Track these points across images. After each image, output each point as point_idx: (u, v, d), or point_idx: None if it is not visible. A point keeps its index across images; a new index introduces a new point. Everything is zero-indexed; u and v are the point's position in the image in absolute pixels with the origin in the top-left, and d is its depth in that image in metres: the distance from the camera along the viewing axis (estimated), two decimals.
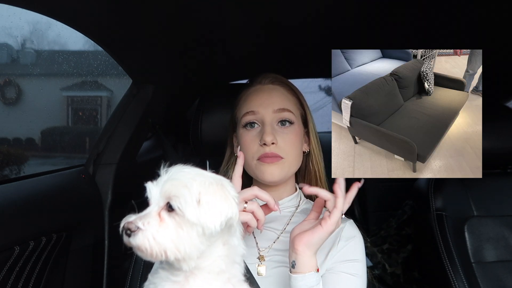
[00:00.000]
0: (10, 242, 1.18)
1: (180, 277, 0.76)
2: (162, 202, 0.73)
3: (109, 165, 1.70)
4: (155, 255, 0.70)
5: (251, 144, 1.13)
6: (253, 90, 1.20)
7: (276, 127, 1.13)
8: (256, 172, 1.13)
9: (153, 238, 0.69)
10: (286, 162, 1.12)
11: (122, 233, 0.72)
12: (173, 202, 0.71)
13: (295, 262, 0.93)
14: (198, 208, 0.71)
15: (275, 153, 1.10)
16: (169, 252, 0.70)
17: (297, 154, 1.15)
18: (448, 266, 1.53)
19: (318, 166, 1.21)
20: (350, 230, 1.11)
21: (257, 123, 1.15)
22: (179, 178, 0.74)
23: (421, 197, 1.71)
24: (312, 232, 0.93)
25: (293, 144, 1.13)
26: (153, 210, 0.72)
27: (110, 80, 3.58)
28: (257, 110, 1.14)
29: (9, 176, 2.86)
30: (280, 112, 1.14)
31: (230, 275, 0.78)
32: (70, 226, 1.46)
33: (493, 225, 1.66)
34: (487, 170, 1.78)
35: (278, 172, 1.11)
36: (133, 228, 0.70)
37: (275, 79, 1.21)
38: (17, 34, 3.15)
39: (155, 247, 0.70)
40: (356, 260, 1.07)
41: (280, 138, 1.12)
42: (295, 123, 1.16)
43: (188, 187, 0.72)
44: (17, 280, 1.23)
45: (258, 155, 1.11)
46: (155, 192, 0.74)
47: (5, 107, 3.58)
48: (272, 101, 1.15)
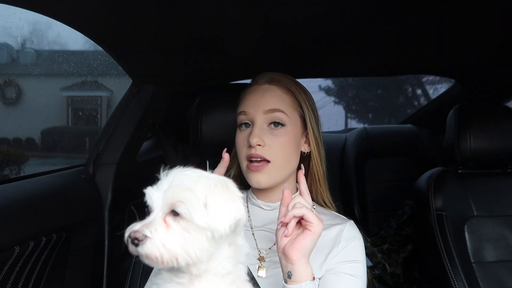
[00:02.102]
0: (10, 242, 1.18)
1: (184, 279, 0.75)
2: (167, 208, 0.71)
3: (109, 165, 1.69)
4: (166, 262, 0.68)
5: (242, 145, 1.14)
6: (250, 90, 1.20)
7: (266, 128, 1.12)
8: (246, 176, 1.14)
9: (163, 246, 0.68)
10: (273, 166, 1.10)
11: (127, 243, 0.69)
12: (179, 208, 0.69)
13: (291, 272, 0.90)
14: (206, 212, 0.70)
15: (260, 155, 1.09)
16: (179, 258, 0.69)
17: (287, 157, 1.13)
18: (448, 266, 1.53)
19: (317, 169, 1.19)
20: (350, 231, 1.11)
21: (249, 123, 1.15)
22: (182, 182, 0.72)
23: (421, 197, 1.71)
24: (303, 238, 0.89)
25: (282, 147, 1.11)
26: (158, 217, 0.70)
27: (110, 80, 3.58)
28: (249, 111, 1.14)
29: (9, 176, 2.86)
30: (271, 113, 1.12)
31: (235, 276, 0.78)
32: (70, 226, 1.46)
33: (493, 225, 1.66)
34: (487, 170, 1.78)
35: (264, 180, 1.10)
36: (141, 237, 0.68)
37: (272, 79, 1.19)
38: (17, 34, 3.15)
39: (166, 254, 0.68)
40: (357, 261, 1.07)
41: (269, 140, 1.10)
42: (288, 125, 1.13)
43: (193, 191, 0.71)
44: (17, 280, 1.23)
45: (246, 156, 1.11)
46: (157, 198, 0.72)
47: (5, 107, 3.58)
48: (263, 102, 1.14)
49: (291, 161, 1.15)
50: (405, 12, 1.28)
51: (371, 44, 1.61)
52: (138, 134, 1.79)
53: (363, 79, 5.30)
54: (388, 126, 2.99)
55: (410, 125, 2.67)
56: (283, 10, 1.22)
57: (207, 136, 1.55)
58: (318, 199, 1.22)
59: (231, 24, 1.31)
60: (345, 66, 2.07)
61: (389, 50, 1.72)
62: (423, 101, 5.37)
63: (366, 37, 1.51)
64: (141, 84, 1.70)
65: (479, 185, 1.72)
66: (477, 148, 1.66)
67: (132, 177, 1.74)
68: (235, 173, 1.26)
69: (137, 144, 1.85)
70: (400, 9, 1.26)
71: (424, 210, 1.67)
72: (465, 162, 1.71)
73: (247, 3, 1.16)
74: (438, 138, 2.52)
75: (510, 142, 1.67)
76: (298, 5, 1.18)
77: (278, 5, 1.18)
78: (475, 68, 2.00)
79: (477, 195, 1.70)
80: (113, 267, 1.72)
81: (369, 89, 6.99)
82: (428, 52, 1.74)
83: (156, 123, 1.82)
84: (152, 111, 1.77)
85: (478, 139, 1.66)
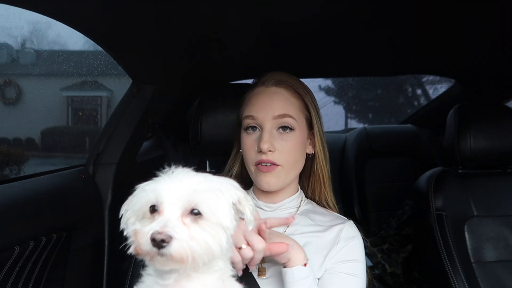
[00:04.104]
0: (10, 242, 1.18)
1: (170, 280, 0.74)
2: (186, 207, 0.70)
3: (109, 165, 1.69)
4: (191, 261, 0.68)
5: (250, 149, 1.14)
6: (256, 92, 1.18)
7: (275, 133, 1.13)
8: (255, 178, 1.14)
9: (189, 246, 0.68)
10: (282, 170, 1.11)
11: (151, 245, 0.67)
12: (201, 207, 0.70)
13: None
14: (230, 212, 0.74)
15: (271, 160, 1.09)
16: (204, 256, 0.69)
17: (295, 160, 1.14)
18: (448, 266, 1.53)
19: (322, 171, 1.20)
20: (349, 231, 1.11)
21: (257, 127, 1.15)
22: (202, 184, 0.73)
23: (421, 197, 1.71)
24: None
25: (291, 151, 1.12)
26: (175, 216, 0.70)
27: (110, 80, 3.58)
28: (257, 116, 1.13)
29: (9, 176, 2.86)
30: (280, 118, 1.13)
31: (222, 272, 0.78)
32: (70, 226, 1.46)
33: (493, 225, 1.66)
34: (487, 170, 1.78)
35: (274, 181, 1.11)
36: (167, 239, 0.67)
37: (280, 81, 1.18)
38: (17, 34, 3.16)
39: (192, 253, 0.68)
40: (356, 260, 1.07)
41: (279, 145, 1.11)
42: (296, 129, 1.14)
43: (220, 191, 0.73)
44: (17, 280, 1.23)
45: (255, 161, 1.12)
46: (172, 197, 0.71)
47: (5, 107, 3.58)
48: (272, 107, 1.13)
49: (299, 164, 1.17)
50: (405, 12, 1.28)
51: (371, 44, 1.61)
52: (138, 134, 1.79)
53: (363, 79, 5.30)
54: (388, 126, 2.99)
55: (410, 125, 2.67)
56: (283, 9, 1.22)
57: (207, 136, 1.55)
58: (322, 200, 1.22)
59: (231, 24, 1.31)
60: (345, 66, 2.07)
61: (389, 50, 1.72)
62: (423, 101, 5.37)
63: (366, 37, 1.52)
64: (141, 84, 1.70)
65: (479, 185, 1.72)
66: (477, 148, 1.66)
67: (132, 177, 1.73)
68: (236, 172, 1.26)
69: (137, 144, 1.84)
70: (400, 9, 1.26)
71: (424, 210, 1.67)
72: (465, 162, 1.71)
73: (246, 3, 1.16)
74: (438, 138, 2.52)
75: (510, 142, 1.67)
76: (297, 5, 1.18)
77: (278, 4, 1.18)
78: (475, 68, 2.00)
79: (477, 195, 1.69)
80: (113, 267, 1.72)
81: (369, 89, 6.99)
82: (428, 52, 1.74)
83: (156, 123, 1.82)
84: (152, 111, 1.77)
85: (478, 139, 1.66)
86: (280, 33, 1.44)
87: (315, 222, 1.14)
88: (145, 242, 0.68)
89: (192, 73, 1.75)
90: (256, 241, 0.89)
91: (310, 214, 1.17)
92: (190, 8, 1.17)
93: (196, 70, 1.73)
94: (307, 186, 1.25)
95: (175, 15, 1.22)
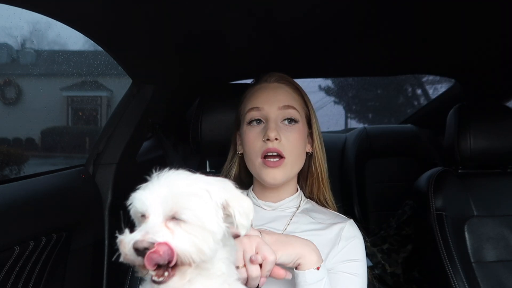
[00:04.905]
0: (10, 242, 1.18)
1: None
2: (168, 213, 0.70)
3: (109, 165, 1.69)
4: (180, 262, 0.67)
5: (255, 141, 1.13)
6: (258, 87, 1.20)
7: (280, 124, 1.13)
8: (259, 173, 1.13)
9: (174, 246, 0.66)
10: (288, 162, 1.11)
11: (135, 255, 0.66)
12: (183, 214, 0.69)
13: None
14: (217, 215, 0.71)
15: (277, 149, 1.09)
16: (194, 255, 0.68)
17: (299, 154, 1.15)
18: (448, 266, 1.53)
19: (320, 168, 1.21)
20: (350, 230, 1.11)
21: (261, 119, 1.15)
22: (185, 188, 0.72)
23: (421, 197, 1.71)
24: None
25: (296, 143, 1.13)
26: (158, 222, 0.69)
27: (110, 80, 3.58)
28: (262, 107, 1.14)
29: (9, 176, 2.86)
30: (285, 109, 1.14)
31: (227, 276, 0.77)
32: (70, 226, 1.46)
33: (493, 225, 1.66)
34: (487, 170, 1.78)
35: (280, 176, 1.11)
36: (150, 246, 0.65)
37: (281, 77, 1.21)
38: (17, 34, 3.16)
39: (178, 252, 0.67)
40: (357, 260, 1.07)
41: (284, 136, 1.11)
42: (300, 122, 1.16)
43: (201, 194, 0.71)
44: (17, 280, 1.23)
45: (262, 151, 1.10)
46: (154, 203, 0.70)
47: (5, 107, 3.58)
48: (277, 98, 1.15)
49: (301, 158, 1.17)
50: (405, 11, 1.28)
51: (371, 44, 1.62)
52: (138, 134, 1.79)
53: (363, 79, 5.31)
54: (388, 126, 2.99)
55: (410, 125, 2.67)
56: (283, 9, 1.23)
57: (207, 136, 1.55)
58: (320, 198, 1.23)
59: (231, 24, 1.31)
60: (345, 66, 2.07)
61: (389, 50, 1.72)
62: (423, 101, 5.37)
63: (365, 37, 1.52)
64: (141, 84, 1.70)
65: (479, 185, 1.72)
66: (477, 148, 1.66)
67: (132, 177, 1.73)
68: (234, 174, 1.26)
69: (137, 144, 1.85)
70: (400, 9, 1.26)
71: (424, 210, 1.67)
72: (465, 162, 1.71)
73: (246, 3, 1.17)
74: (438, 138, 2.52)
75: (510, 142, 1.67)
76: (297, 4, 1.19)
77: (278, 4, 1.18)
78: (475, 68, 2.00)
79: (477, 195, 1.69)
80: (113, 267, 1.72)
81: (369, 89, 7.00)
82: (428, 52, 1.74)
83: (156, 123, 1.82)
84: (152, 111, 1.77)
85: (478, 139, 1.66)
86: (280, 33, 1.44)
87: (316, 220, 1.14)
88: (129, 252, 0.67)
89: (192, 73, 1.75)
90: (267, 253, 0.86)
91: (310, 212, 1.17)
92: (190, 8, 1.18)
93: (196, 70, 1.73)
94: (306, 186, 1.25)
95: (175, 16, 1.22)
